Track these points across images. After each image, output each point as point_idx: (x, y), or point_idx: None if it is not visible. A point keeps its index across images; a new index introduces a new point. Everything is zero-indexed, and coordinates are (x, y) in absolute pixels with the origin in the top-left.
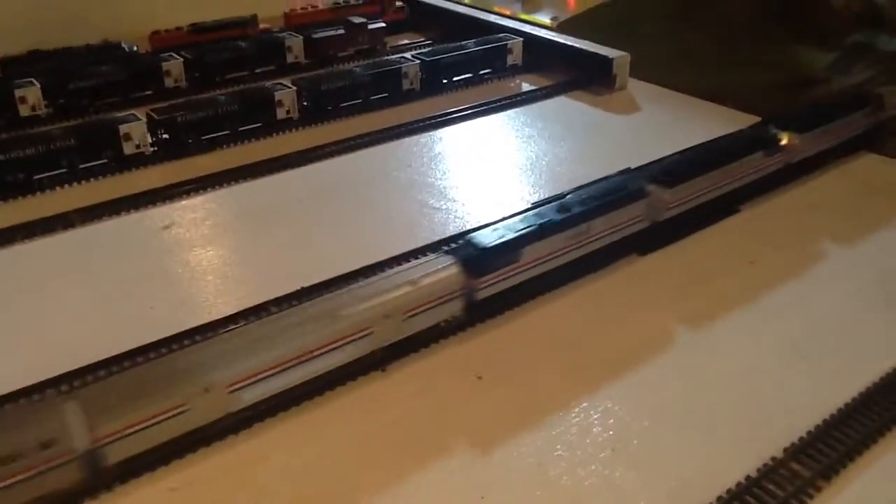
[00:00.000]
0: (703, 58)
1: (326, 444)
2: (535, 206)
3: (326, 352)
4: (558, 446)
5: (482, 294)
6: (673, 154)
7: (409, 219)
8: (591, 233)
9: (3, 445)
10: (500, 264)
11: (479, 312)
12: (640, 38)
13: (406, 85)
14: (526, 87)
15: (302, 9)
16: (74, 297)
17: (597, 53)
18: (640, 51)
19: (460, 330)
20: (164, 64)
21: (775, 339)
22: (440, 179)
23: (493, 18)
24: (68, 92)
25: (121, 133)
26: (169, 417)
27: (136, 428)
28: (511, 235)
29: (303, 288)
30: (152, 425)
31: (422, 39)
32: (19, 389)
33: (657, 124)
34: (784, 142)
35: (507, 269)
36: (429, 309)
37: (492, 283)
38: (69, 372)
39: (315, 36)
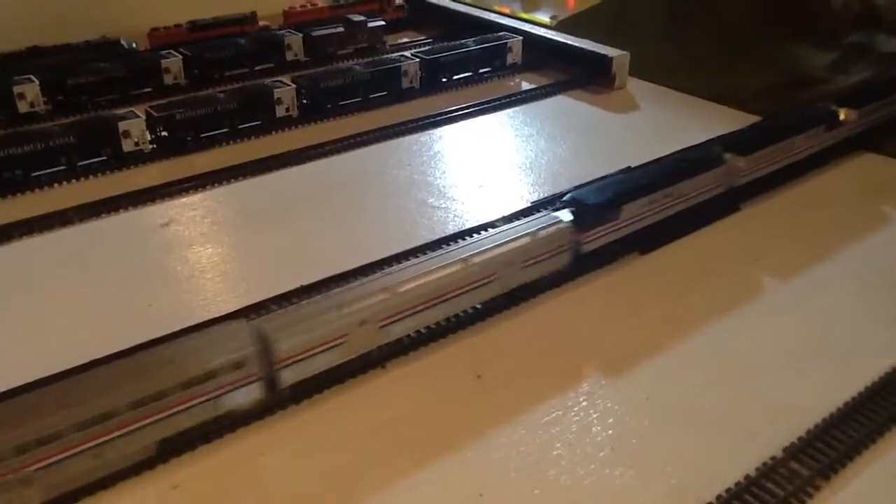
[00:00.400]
0: (703, 57)
1: (327, 440)
2: (535, 204)
3: (459, 294)
4: (557, 445)
5: (587, 248)
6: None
7: (408, 217)
8: (676, 196)
9: (203, 363)
10: (603, 220)
11: (583, 265)
12: (639, 38)
13: (406, 83)
14: (525, 85)
15: (301, 6)
16: (72, 294)
17: (596, 52)
18: (640, 50)
19: (460, 328)
20: (163, 61)
21: (776, 337)
22: (439, 178)
23: (492, 17)
24: (67, 89)
25: (120, 130)
26: (332, 346)
27: (306, 355)
28: (613, 194)
29: (302, 286)
30: (318, 353)
31: (421, 38)
32: (210, 319)
33: (656, 123)
34: (843, 117)
35: (609, 226)
36: (544, 259)
37: (596, 237)
38: (250, 305)
39: (314, 34)
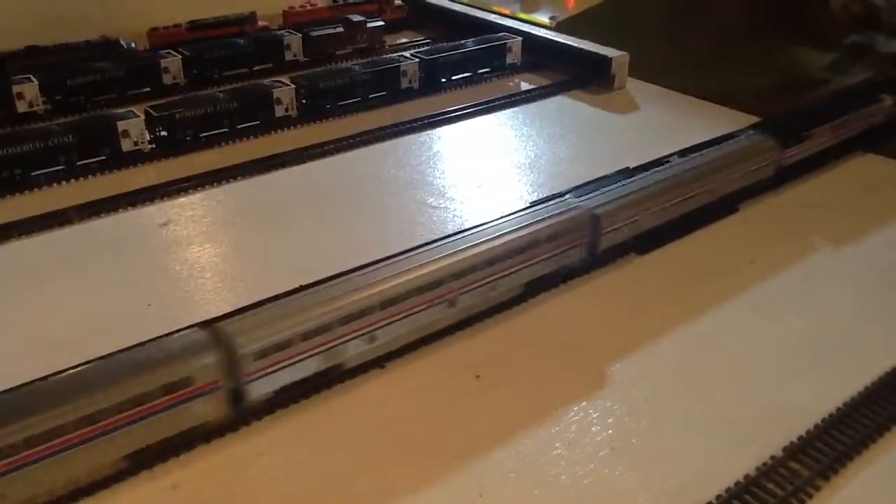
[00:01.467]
0: (702, 58)
1: (326, 440)
2: (534, 204)
3: (686, 198)
4: (557, 444)
5: (788, 162)
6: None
7: (407, 217)
8: (847, 124)
9: (548, 231)
10: (800, 140)
11: (785, 176)
12: (638, 38)
13: (405, 83)
14: (525, 86)
15: (301, 7)
16: (71, 294)
17: (596, 53)
18: (639, 51)
19: (459, 329)
20: (162, 61)
21: (774, 337)
22: (439, 178)
23: (492, 17)
24: (66, 88)
25: (119, 130)
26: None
27: (617, 226)
28: (806, 120)
29: (301, 286)
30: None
31: (421, 38)
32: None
33: (655, 124)
34: None
35: (803, 145)
36: (754, 170)
37: (794, 154)
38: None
39: (314, 34)
